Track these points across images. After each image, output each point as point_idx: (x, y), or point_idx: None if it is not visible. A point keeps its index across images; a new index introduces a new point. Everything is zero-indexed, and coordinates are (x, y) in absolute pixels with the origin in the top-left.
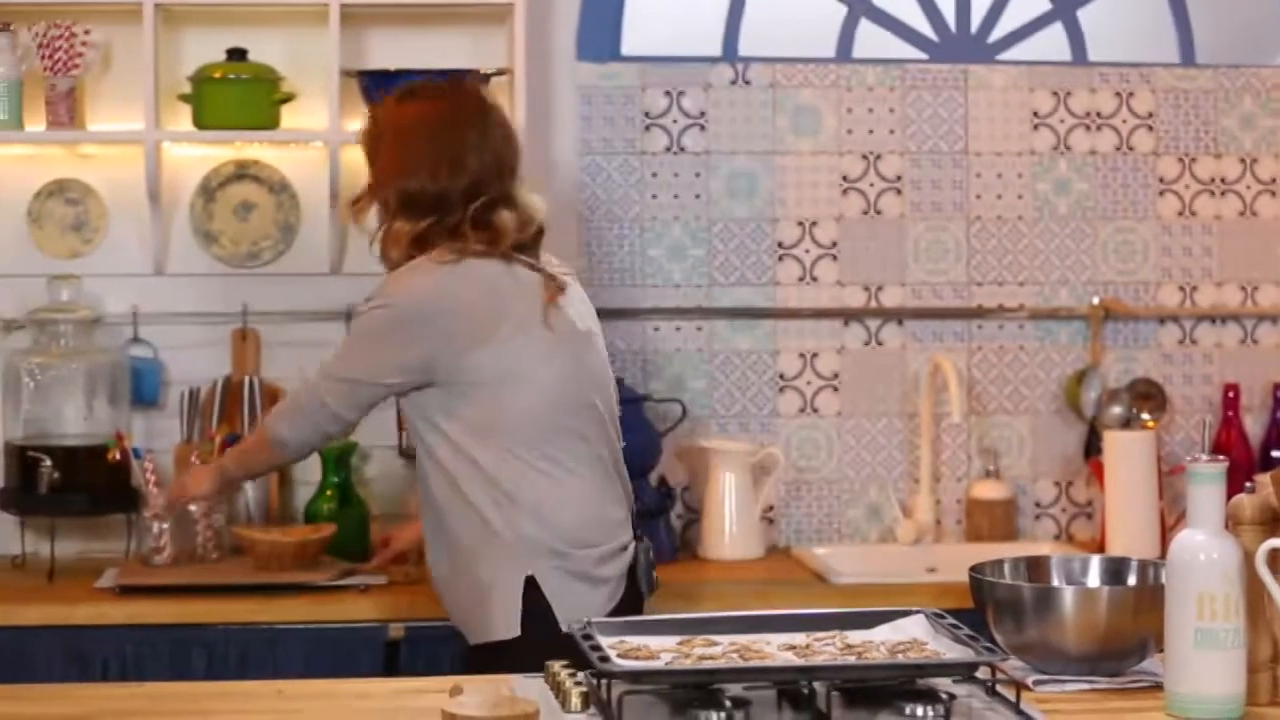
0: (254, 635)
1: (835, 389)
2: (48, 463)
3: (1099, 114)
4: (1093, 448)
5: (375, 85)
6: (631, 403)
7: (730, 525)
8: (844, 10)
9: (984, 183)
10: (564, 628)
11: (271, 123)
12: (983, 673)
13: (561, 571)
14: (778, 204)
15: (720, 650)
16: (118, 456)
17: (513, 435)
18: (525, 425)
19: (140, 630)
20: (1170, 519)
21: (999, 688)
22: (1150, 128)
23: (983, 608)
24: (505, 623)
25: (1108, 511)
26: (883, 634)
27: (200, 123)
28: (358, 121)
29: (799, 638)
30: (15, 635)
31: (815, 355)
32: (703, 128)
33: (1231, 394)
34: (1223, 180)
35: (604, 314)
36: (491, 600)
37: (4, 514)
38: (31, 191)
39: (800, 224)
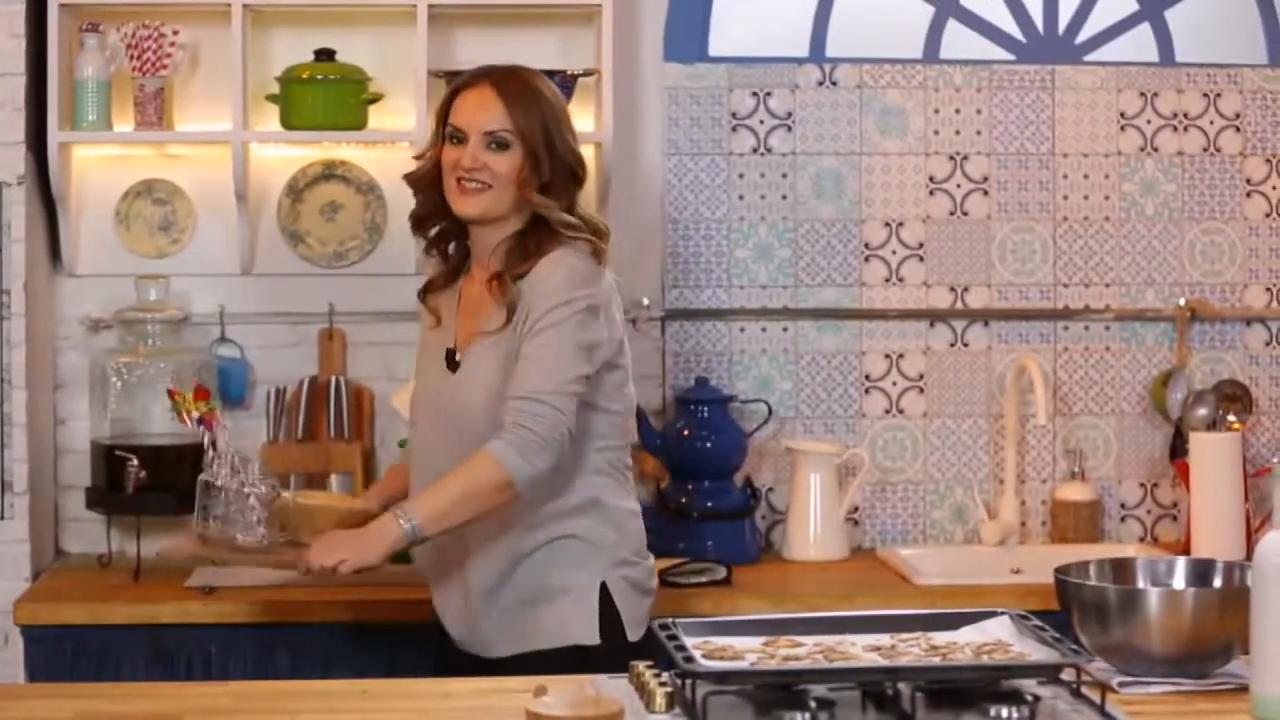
0: (338, 634)
1: (921, 390)
2: (134, 462)
3: (1186, 115)
4: (1178, 449)
5: None
6: (717, 403)
7: (815, 526)
8: (931, 11)
9: (1070, 184)
10: (631, 637)
11: (359, 123)
12: (1067, 674)
13: (626, 581)
14: (864, 205)
15: (805, 651)
16: (195, 417)
17: (608, 437)
18: (621, 426)
19: (225, 629)
20: (1255, 521)
21: (1084, 689)
22: (1237, 128)
23: (1068, 609)
24: (584, 628)
25: (1193, 513)
26: (967, 635)
27: (288, 123)
28: None
29: (884, 639)
30: (101, 634)
31: (901, 356)
32: (789, 128)
33: None
34: None
35: (690, 314)
36: (565, 606)
37: (91, 513)
38: (120, 192)
39: (887, 225)
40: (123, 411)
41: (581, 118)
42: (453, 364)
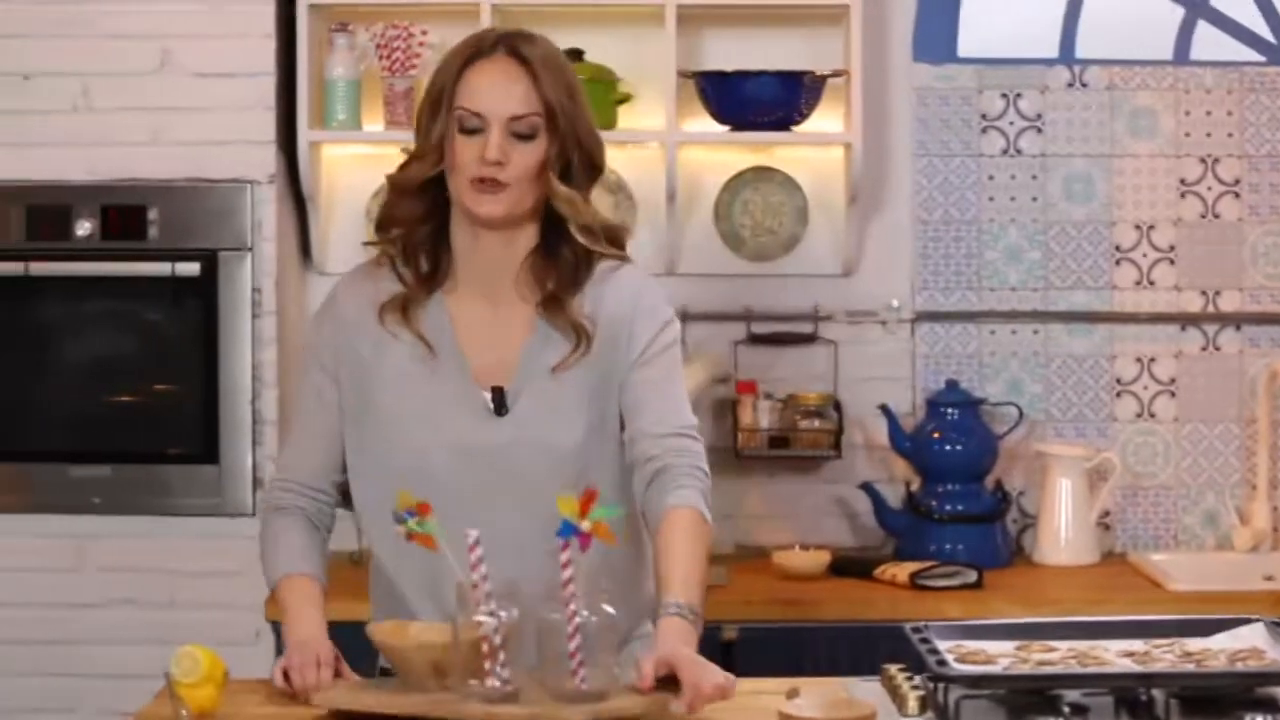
0: None
1: (1172, 394)
2: None
3: None
4: None
5: (712, 86)
6: (968, 406)
7: (1066, 530)
8: (1181, 12)
9: None
10: None
11: (608, 123)
12: None
13: None
14: (1115, 207)
15: (1058, 656)
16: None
17: None
18: None
19: None
20: None
21: None
22: None
23: None
24: None
25: None
26: (1221, 642)
27: None
28: (694, 122)
29: (1137, 644)
30: (352, 630)
31: (1152, 360)
32: (1040, 130)
33: None
34: None
35: (940, 316)
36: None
37: (342, 510)
38: (370, 190)
39: (1137, 227)
40: None
41: (830, 119)
42: (501, 406)
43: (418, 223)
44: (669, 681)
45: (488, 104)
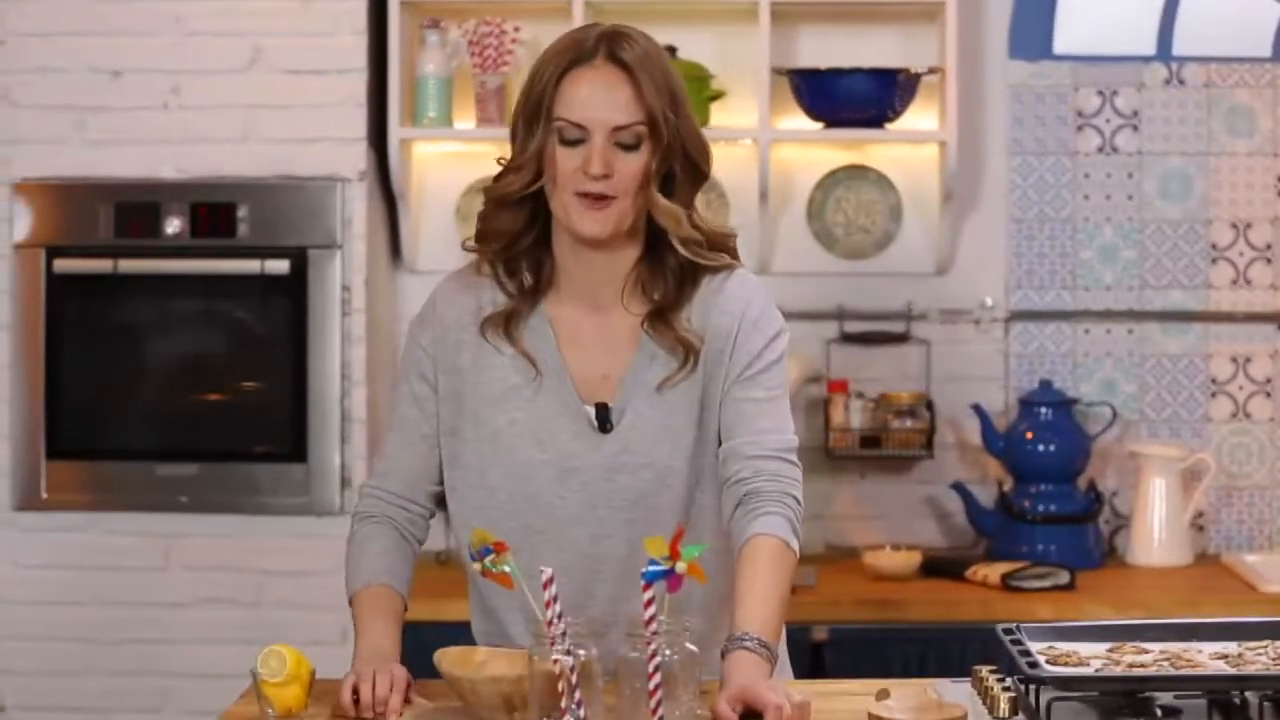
0: None
1: (1268, 394)
2: None
3: None
4: None
5: (805, 84)
6: (1061, 405)
7: (1159, 531)
8: (1279, 10)
9: None
10: None
11: (702, 120)
12: None
13: None
14: (1211, 205)
15: (1151, 658)
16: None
17: None
18: None
19: None
20: None
21: None
22: None
23: None
24: None
25: None
26: None
27: None
28: (787, 120)
29: (1230, 646)
30: (438, 630)
31: (1248, 360)
32: (1135, 128)
33: None
34: None
35: (1034, 315)
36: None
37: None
38: (460, 188)
39: (1234, 226)
40: None
41: (925, 116)
42: (605, 424)
43: (518, 235)
44: (749, 716)
45: (590, 114)
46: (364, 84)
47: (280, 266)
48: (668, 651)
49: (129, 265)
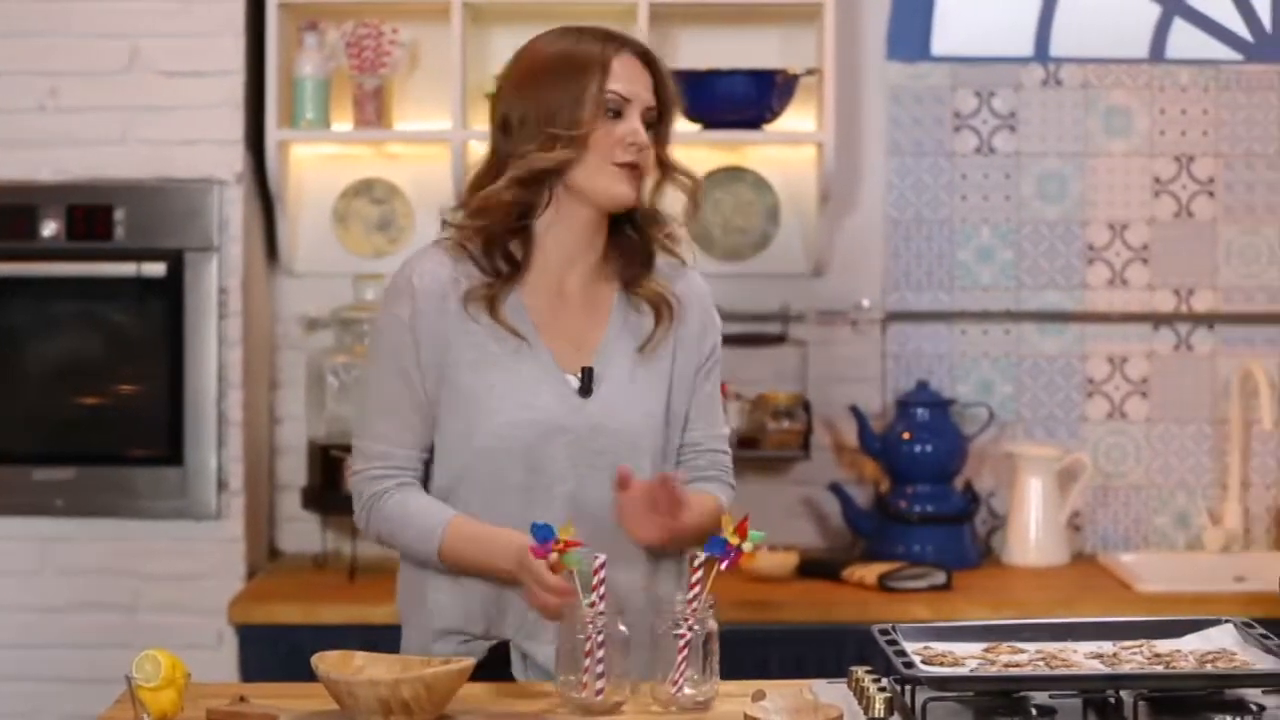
0: None
1: (1144, 394)
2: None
3: None
4: None
5: (683, 85)
6: (938, 406)
7: (1035, 531)
8: (1157, 10)
9: None
10: None
11: None
12: None
13: None
14: (1088, 206)
15: (1026, 658)
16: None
17: None
18: None
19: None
20: None
21: None
22: None
23: None
24: None
25: None
26: (1191, 643)
27: None
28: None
29: (1106, 646)
30: (315, 634)
31: (1124, 360)
32: (1013, 129)
33: None
34: None
35: (911, 316)
36: None
37: (306, 513)
38: (338, 190)
39: (1111, 226)
40: (338, 411)
41: (803, 117)
42: (587, 387)
43: (518, 213)
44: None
45: (635, 89)
46: (241, 86)
47: (157, 269)
48: (697, 628)
49: (4, 268)
